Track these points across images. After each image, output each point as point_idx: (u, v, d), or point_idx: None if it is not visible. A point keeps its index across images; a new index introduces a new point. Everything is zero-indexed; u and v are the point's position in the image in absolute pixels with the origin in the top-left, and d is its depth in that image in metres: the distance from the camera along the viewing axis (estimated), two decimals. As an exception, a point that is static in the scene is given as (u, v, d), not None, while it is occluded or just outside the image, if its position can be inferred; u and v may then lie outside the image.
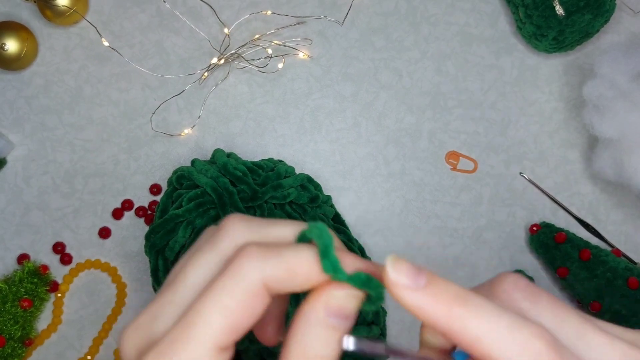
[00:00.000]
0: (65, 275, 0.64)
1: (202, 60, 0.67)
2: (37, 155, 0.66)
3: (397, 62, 0.67)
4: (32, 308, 0.61)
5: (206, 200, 0.57)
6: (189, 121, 0.66)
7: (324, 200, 0.61)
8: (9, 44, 0.63)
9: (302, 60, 0.67)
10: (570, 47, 0.66)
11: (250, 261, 0.24)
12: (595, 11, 0.61)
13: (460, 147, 0.66)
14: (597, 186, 0.66)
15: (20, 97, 0.66)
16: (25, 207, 0.65)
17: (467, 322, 0.23)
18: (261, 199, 0.57)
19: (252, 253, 0.24)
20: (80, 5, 0.65)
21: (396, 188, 0.66)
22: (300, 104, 0.67)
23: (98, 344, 0.64)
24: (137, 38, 0.67)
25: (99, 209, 0.65)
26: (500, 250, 0.65)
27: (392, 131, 0.67)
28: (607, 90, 0.59)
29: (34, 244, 0.65)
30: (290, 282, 0.25)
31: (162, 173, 0.66)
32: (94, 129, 0.66)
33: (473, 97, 0.67)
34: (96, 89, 0.67)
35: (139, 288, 0.65)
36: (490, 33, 0.68)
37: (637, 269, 0.60)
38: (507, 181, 0.66)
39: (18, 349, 0.61)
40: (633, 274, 0.59)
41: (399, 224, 0.65)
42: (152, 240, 0.57)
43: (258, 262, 0.24)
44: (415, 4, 0.68)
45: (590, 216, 0.66)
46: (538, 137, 0.67)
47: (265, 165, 0.60)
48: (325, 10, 0.68)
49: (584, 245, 0.61)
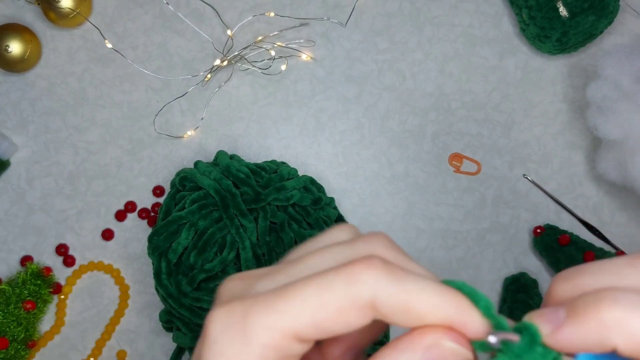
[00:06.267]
0: (68, 277, 0.64)
1: (205, 62, 0.67)
2: (41, 157, 0.66)
3: (400, 63, 0.67)
4: (35, 310, 0.61)
5: (209, 202, 0.57)
6: (192, 123, 0.66)
7: (327, 202, 0.61)
8: (13, 46, 0.64)
9: (305, 62, 0.67)
10: (574, 48, 0.65)
11: (369, 274, 0.22)
12: (599, 12, 0.61)
13: (463, 149, 0.66)
14: (601, 188, 0.66)
15: (24, 99, 0.66)
16: (28, 209, 0.65)
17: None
18: (264, 200, 0.57)
19: (375, 267, 0.22)
20: (84, 7, 0.65)
21: (399, 190, 0.66)
22: (304, 106, 0.67)
23: (101, 346, 0.64)
24: (141, 40, 0.67)
25: (102, 210, 0.65)
26: (504, 252, 0.65)
27: (396, 133, 0.66)
28: (611, 92, 0.59)
29: (37, 246, 0.65)
30: (401, 314, 0.22)
31: (165, 175, 0.66)
32: (97, 131, 0.66)
33: (477, 98, 0.67)
34: (99, 90, 0.67)
35: (142, 290, 0.65)
36: (494, 34, 0.68)
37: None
38: (510, 183, 0.66)
39: (21, 351, 0.61)
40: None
41: (403, 225, 0.65)
42: (155, 242, 0.57)
43: (377, 279, 0.22)
44: (418, 6, 0.68)
45: (594, 218, 0.65)
46: (542, 139, 0.66)
47: (268, 167, 0.60)
48: (329, 11, 0.67)
49: (588, 248, 0.61)
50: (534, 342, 0.22)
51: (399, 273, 0.22)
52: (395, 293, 0.22)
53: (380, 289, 0.22)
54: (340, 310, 0.22)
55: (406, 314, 0.22)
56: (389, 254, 0.25)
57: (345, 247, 0.25)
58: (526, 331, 0.22)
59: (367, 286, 0.22)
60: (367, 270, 0.22)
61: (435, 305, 0.22)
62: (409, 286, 0.22)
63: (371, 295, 0.22)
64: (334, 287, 0.22)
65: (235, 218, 0.56)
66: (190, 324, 0.57)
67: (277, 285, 0.24)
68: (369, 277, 0.22)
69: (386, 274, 0.22)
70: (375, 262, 0.22)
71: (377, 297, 0.22)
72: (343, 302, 0.22)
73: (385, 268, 0.22)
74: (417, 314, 0.22)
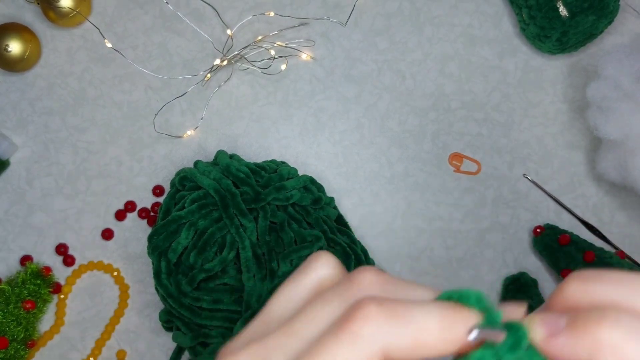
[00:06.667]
0: (68, 277, 0.64)
1: (205, 61, 0.67)
2: (41, 157, 0.66)
3: (400, 63, 0.67)
4: (35, 309, 0.61)
5: (209, 202, 0.57)
6: (192, 123, 0.66)
7: (327, 202, 0.61)
8: (12, 46, 0.64)
9: (305, 62, 0.67)
10: (574, 48, 0.65)
11: (371, 325, 0.21)
12: (599, 12, 0.61)
13: (463, 149, 0.66)
14: (602, 188, 0.66)
15: (24, 98, 0.66)
16: (28, 209, 0.65)
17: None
18: (264, 200, 0.57)
19: (374, 315, 0.21)
20: (84, 7, 0.65)
21: (399, 190, 0.66)
22: (303, 106, 0.67)
23: (101, 346, 0.64)
24: (140, 39, 0.67)
25: (101, 210, 0.65)
26: (504, 252, 0.65)
27: (396, 133, 0.66)
28: (611, 92, 0.59)
29: (36, 246, 0.65)
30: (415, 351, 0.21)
31: (165, 174, 0.66)
32: (97, 131, 0.66)
33: (476, 98, 0.67)
34: (99, 90, 0.67)
35: (142, 290, 0.65)
36: (494, 34, 0.68)
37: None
38: (510, 183, 0.66)
39: (21, 351, 0.61)
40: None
41: (403, 225, 0.65)
42: (155, 242, 0.57)
43: (380, 328, 0.21)
44: (418, 5, 0.68)
45: (594, 218, 0.65)
46: (542, 139, 0.66)
47: (268, 167, 0.60)
48: (329, 11, 0.67)
49: (588, 248, 0.61)
50: (518, 344, 0.22)
51: (397, 311, 0.21)
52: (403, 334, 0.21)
53: (386, 335, 0.21)
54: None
55: (418, 351, 0.21)
56: (377, 289, 0.23)
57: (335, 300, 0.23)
58: (512, 331, 0.22)
59: (372, 339, 0.21)
60: (366, 323, 0.21)
61: (444, 332, 0.21)
62: (412, 321, 0.21)
63: (381, 346, 0.21)
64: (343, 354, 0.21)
65: (235, 218, 0.56)
66: (190, 323, 0.57)
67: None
68: (371, 328, 0.21)
69: (386, 317, 0.21)
70: (371, 310, 0.21)
71: (387, 345, 0.21)
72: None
73: (383, 311, 0.21)
74: (429, 347, 0.21)
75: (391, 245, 0.65)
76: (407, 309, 0.22)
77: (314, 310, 0.23)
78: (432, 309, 0.22)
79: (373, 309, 0.21)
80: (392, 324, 0.21)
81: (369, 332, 0.21)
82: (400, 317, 0.21)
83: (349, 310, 0.22)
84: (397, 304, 0.22)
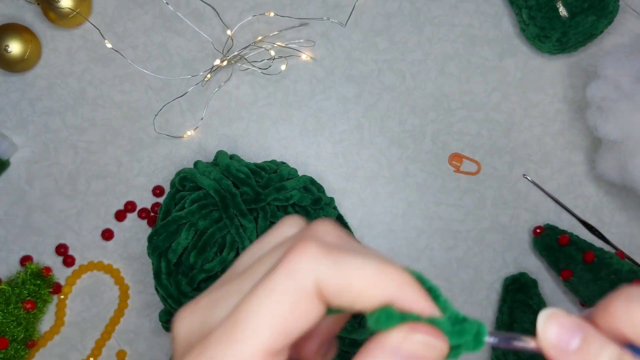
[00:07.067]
0: (68, 277, 0.64)
1: (205, 62, 0.67)
2: (40, 157, 0.66)
3: (400, 63, 0.67)
4: (35, 310, 0.61)
5: (209, 202, 0.57)
6: (192, 123, 0.66)
7: (327, 202, 0.61)
8: (13, 46, 0.64)
9: (305, 62, 0.67)
10: (574, 48, 0.65)
11: (306, 259, 0.22)
12: (599, 13, 0.61)
13: (463, 149, 0.66)
14: (601, 188, 0.66)
15: (24, 99, 0.66)
16: (28, 209, 0.65)
17: None
18: (264, 200, 0.57)
19: (310, 250, 0.22)
20: (84, 7, 0.65)
21: (399, 190, 0.66)
22: (303, 106, 0.67)
23: (101, 346, 0.64)
24: (140, 40, 0.67)
25: (101, 210, 0.65)
26: (503, 252, 0.65)
27: (396, 133, 0.66)
28: (611, 92, 0.59)
29: (37, 246, 0.65)
30: (345, 293, 0.22)
31: (165, 175, 0.66)
32: (97, 131, 0.66)
33: (476, 98, 0.67)
34: (99, 90, 0.67)
35: (141, 290, 0.65)
36: (494, 34, 0.68)
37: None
38: (510, 183, 0.66)
39: (21, 351, 0.61)
40: (637, 277, 0.59)
41: (402, 226, 0.65)
42: (155, 242, 0.57)
43: (314, 260, 0.22)
44: (418, 6, 0.68)
45: (594, 218, 0.65)
46: (542, 139, 0.66)
47: (268, 167, 0.60)
48: (328, 11, 0.67)
49: (588, 248, 0.61)
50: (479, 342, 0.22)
51: (336, 252, 0.22)
52: (335, 272, 0.22)
53: (319, 270, 0.22)
54: (293, 308, 0.22)
55: (347, 293, 0.22)
56: (328, 237, 0.24)
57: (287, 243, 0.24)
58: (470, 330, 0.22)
59: (306, 271, 0.22)
60: (302, 255, 0.22)
61: (375, 280, 0.22)
62: (347, 264, 0.22)
63: (314, 279, 0.22)
64: (279, 288, 0.22)
65: (235, 218, 0.56)
66: (190, 324, 0.57)
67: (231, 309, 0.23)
68: (306, 262, 0.22)
69: (323, 255, 0.22)
70: (309, 244, 0.22)
71: (319, 280, 0.22)
72: (294, 298, 0.22)
73: (321, 249, 0.22)
74: (358, 291, 0.22)
75: (391, 246, 0.65)
76: (346, 254, 0.22)
77: (271, 253, 0.24)
78: (370, 261, 0.22)
79: (311, 245, 0.22)
80: (327, 263, 0.22)
81: (304, 264, 0.22)
82: (336, 258, 0.22)
83: (290, 247, 0.22)
84: (338, 248, 0.22)
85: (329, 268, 0.22)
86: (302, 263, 0.22)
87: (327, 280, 0.22)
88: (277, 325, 0.21)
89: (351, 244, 0.24)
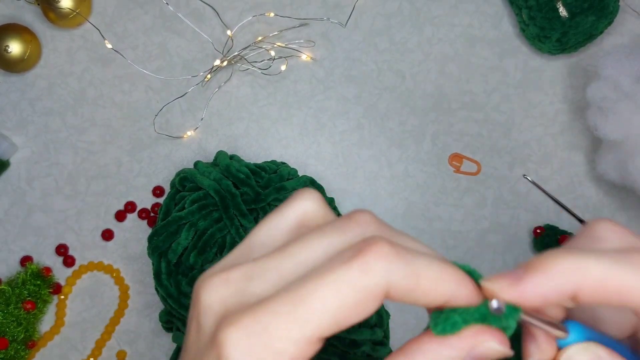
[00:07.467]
0: (68, 277, 0.64)
1: (205, 62, 0.67)
2: (41, 157, 0.66)
3: (400, 63, 0.67)
4: (35, 310, 0.61)
5: (209, 203, 0.57)
6: (192, 123, 0.66)
7: (327, 203, 0.61)
8: (13, 46, 0.64)
9: (305, 62, 0.67)
10: (574, 48, 0.65)
11: (382, 262, 0.22)
12: (599, 13, 0.61)
13: (463, 149, 0.66)
14: (601, 188, 0.66)
15: (24, 99, 0.66)
16: (28, 209, 0.65)
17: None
18: (264, 201, 0.57)
19: (386, 253, 0.22)
20: (84, 8, 0.65)
21: (399, 190, 0.66)
22: (303, 106, 0.67)
23: (101, 346, 0.64)
24: (140, 40, 0.67)
25: (102, 211, 0.65)
26: (503, 252, 0.65)
27: (396, 133, 0.66)
28: (611, 92, 0.59)
29: (37, 246, 0.65)
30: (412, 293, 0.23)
31: (165, 175, 0.66)
32: (97, 131, 0.66)
33: (476, 99, 0.67)
34: (99, 91, 0.67)
35: (141, 290, 0.65)
36: (494, 35, 0.68)
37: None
38: (510, 183, 0.66)
39: (21, 351, 0.61)
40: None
41: (402, 226, 0.65)
42: (155, 243, 0.57)
43: (388, 262, 0.22)
44: (418, 6, 0.68)
45: (594, 218, 0.65)
46: (542, 139, 0.66)
47: (268, 168, 0.60)
48: (328, 12, 0.67)
49: (588, 248, 0.61)
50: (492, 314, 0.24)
51: (405, 254, 0.23)
52: (406, 274, 0.22)
53: (392, 272, 0.22)
54: (358, 304, 0.22)
55: (413, 293, 0.23)
56: (382, 232, 0.25)
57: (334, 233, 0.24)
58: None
59: (381, 274, 0.22)
60: (379, 258, 0.22)
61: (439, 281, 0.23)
62: (416, 265, 0.23)
63: (386, 282, 0.22)
64: (350, 282, 0.22)
65: (235, 218, 0.56)
66: (190, 324, 0.57)
67: (274, 286, 0.23)
68: (382, 264, 0.22)
69: (395, 256, 0.22)
70: (384, 247, 0.22)
71: (390, 281, 0.22)
72: (361, 296, 0.22)
73: (394, 251, 0.22)
74: (423, 291, 0.23)
75: (391, 246, 0.65)
76: (413, 255, 0.23)
77: (311, 239, 0.24)
78: (432, 261, 0.23)
79: (386, 246, 0.22)
80: (400, 264, 0.22)
81: (380, 266, 0.22)
82: (406, 260, 0.23)
83: (362, 244, 0.23)
84: (405, 249, 0.23)
85: (401, 270, 0.22)
86: (379, 264, 0.22)
87: (398, 282, 0.22)
88: (338, 316, 0.22)
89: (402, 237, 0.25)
